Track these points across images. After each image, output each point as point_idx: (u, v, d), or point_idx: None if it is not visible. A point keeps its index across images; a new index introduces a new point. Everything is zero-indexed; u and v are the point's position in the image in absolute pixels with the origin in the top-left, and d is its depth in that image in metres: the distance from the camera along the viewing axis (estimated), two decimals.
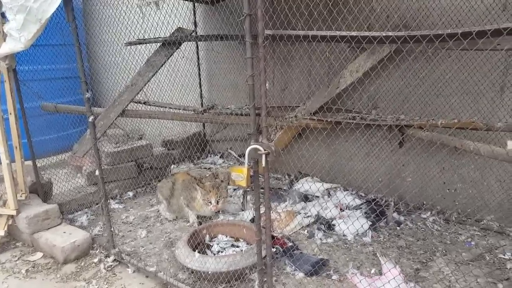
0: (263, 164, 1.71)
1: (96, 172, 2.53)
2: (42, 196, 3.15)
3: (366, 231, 2.78)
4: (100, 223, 3.06)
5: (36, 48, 3.76)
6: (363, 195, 3.44)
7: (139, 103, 3.86)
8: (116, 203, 3.53)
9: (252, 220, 2.88)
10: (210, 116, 3.50)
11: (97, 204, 3.39)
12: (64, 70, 4.52)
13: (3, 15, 2.32)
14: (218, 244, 2.62)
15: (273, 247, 2.49)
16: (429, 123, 2.69)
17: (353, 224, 2.72)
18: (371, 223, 2.83)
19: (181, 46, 3.37)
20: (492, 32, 1.54)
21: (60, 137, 4.35)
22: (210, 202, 2.88)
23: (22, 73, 3.04)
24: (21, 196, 2.93)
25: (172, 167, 4.30)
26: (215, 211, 2.97)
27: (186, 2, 4.16)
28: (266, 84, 1.69)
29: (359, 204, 3.12)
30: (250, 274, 2.26)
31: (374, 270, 2.34)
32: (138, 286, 2.42)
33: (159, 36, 3.33)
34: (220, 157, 4.64)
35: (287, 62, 3.72)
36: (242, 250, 2.48)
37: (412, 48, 2.49)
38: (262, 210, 1.87)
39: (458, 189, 3.04)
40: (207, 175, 3.11)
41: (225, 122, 3.72)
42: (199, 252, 2.36)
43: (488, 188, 2.89)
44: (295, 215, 3.01)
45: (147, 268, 2.46)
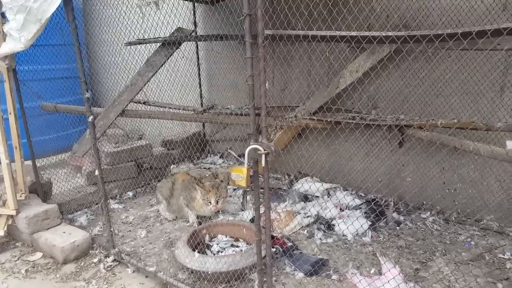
0: (263, 164, 1.71)
1: (96, 172, 2.53)
2: (41, 196, 3.15)
3: (365, 231, 2.78)
4: (99, 223, 3.06)
5: (36, 48, 3.76)
6: (362, 195, 3.44)
7: (139, 103, 3.86)
8: (115, 203, 3.53)
9: (252, 220, 2.88)
10: (210, 116, 3.50)
11: (96, 204, 3.39)
12: (64, 70, 4.52)
13: (3, 15, 2.32)
14: (218, 244, 2.62)
15: (272, 247, 2.49)
16: (429, 123, 2.69)
17: (352, 224, 2.72)
18: (370, 223, 2.83)
19: (181, 46, 3.37)
20: (492, 32, 1.54)
21: (59, 137, 4.35)
22: (210, 202, 2.88)
23: (22, 73, 3.04)
24: (20, 196, 2.93)
25: (172, 167, 4.30)
26: (214, 211, 2.97)
27: (186, 2, 4.16)
28: (266, 84, 1.69)
29: (359, 204, 3.12)
30: (249, 274, 2.26)
31: (373, 270, 2.34)
32: (138, 286, 2.42)
33: (159, 36, 3.33)
34: (220, 157, 4.64)
35: (287, 62, 3.72)
36: (242, 250, 2.48)
37: (412, 48, 2.49)
38: (262, 210, 1.87)
39: (458, 189, 3.04)
40: (207, 175, 3.11)
41: (224, 122, 3.73)
42: (199, 252, 2.36)
43: (488, 188, 2.89)
44: (295, 215, 3.01)
45: (146, 268, 2.46)
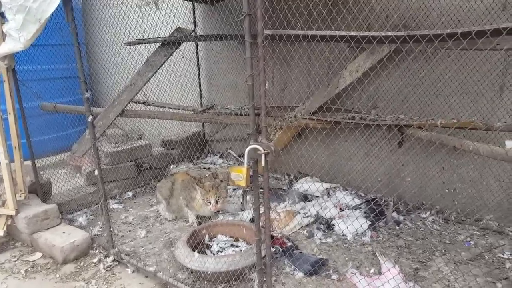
0: (263, 164, 1.71)
1: (95, 172, 2.53)
2: (41, 196, 3.15)
3: (365, 231, 2.78)
4: (99, 223, 3.06)
5: (36, 48, 3.76)
6: (362, 194, 3.44)
7: (139, 103, 3.86)
8: (115, 203, 3.53)
9: (252, 220, 2.88)
10: (210, 116, 3.50)
11: (96, 204, 3.39)
12: (64, 70, 4.52)
13: (2, 15, 2.31)
14: (217, 244, 2.62)
15: (272, 247, 2.49)
16: (428, 123, 2.69)
17: (352, 223, 2.72)
18: (370, 222, 2.83)
19: (180, 46, 3.37)
20: (492, 32, 1.54)
21: (59, 137, 4.35)
22: (210, 202, 2.87)
23: (22, 73, 3.04)
24: (20, 196, 2.93)
25: (172, 167, 4.29)
26: (214, 211, 2.97)
27: (186, 2, 4.16)
28: (266, 84, 1.69)
29: (359, 204, 3.12)
30: (249, 274, 2.26)
31: (373, 270, 2.34)
32: (138, 286, 2.42)
33: (158, 36, 3.33)
34: (219, 157, 4.64)
35: (287, 62, 3.72)
36: (242, 250, 2.48)
37: (411, 48, 2.49)
38: (262, 210, 1.87)
39: (458, 188, 3.04)
40: (207, 175, 3.11)
41: (224, 122, 3.73)
42: (198, 252, 2.36)
43: (487, 188, 2.90)
44: (295, 215, 3.01)
45: (146, 268, 2.46)
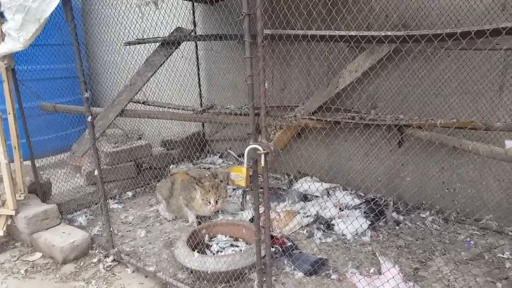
0: (262, 163, 1.71)
1: (95, 172, 2.53)
2: (41, 196, 3.15)
3: (365, 231, 2.78)
4: (99, 223, 3.06)
5: (35, 47, 3.76)
6: (362, 194, 3.44)
7: (138, 103, 3.86)
8: (115, 203, 3.53)
9: (251, 220, 2.88)
10: (209, 116, 3.50)
11: (96, 204, 3.39)
12: (63, 70, 4.51)
13: (1, 14, 2.31)
14: (217, 244, 2.62)
15: (272, 247, 2.49)
16: (428, 123, 2.69)
17: (352, 223, 2.72)
18: (370, 222, 2.83)
19: (180, 45, 3.37)
20: (491, 31, 1.54)
21: (59, 137, 4.35)
22: (209, 202, 2.87)
23: (21, 73, 3.04)
24: (20, 196, 2.93)
25: (171, 167, 4.29)
26: (214, 211, 2.97)
27: (185, 1, 4.16)
28: (265, 84, 1.69)
29: (358, 204, 3.12)
30: (249, 274, 2.26)
31: (373, 270, 2.34)
32: (138, 286, 2.42)
33: (158, 36, 3.33)
34: (219, 157, 4.64)
35: (286, 62, 3.72)
36: (242, 250, 2.48)
37: (411, 47, 2.49)
38: (261, 209, 1.87)
39: (457, 188, 3.04)
40: (207, 175, 3.11)
41: (224, 122, 3.73)
42: (198, 252, 2.36)
43: (487, 188, 2.90)
44: (294, 214, 3.01)
45: (146, 268, 2.46)
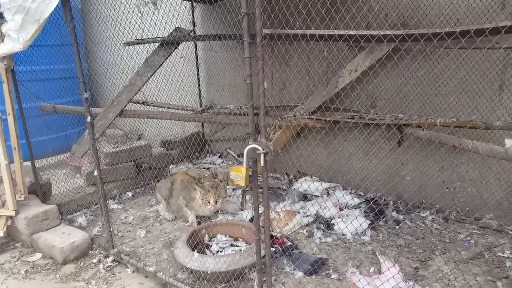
0: (262, 163, 1.71)
1: (95, 173, 2.53)
2: (41, 197, 3.15)
3: (365, 230, 2.78)
4: (99, 223, 3.06)
5: (34, 48, 3.76)
6: (362, 194, 3.44)
7: (138, 103, 3.86)
8: (115, 203, 3.53)
9: (251, 220, 2.88)
10: (209, 116, 3.50)
11: (96, 204, 3.39)
12: (62, 70, 4.51)
13: (1, 15, 2.31)
14: (217, 243, 2.62)
15: (272, 247, 2.49)
16: (427, 122, 2.69)
17: (352, 223, 2.72)
18: (370, 222, 2.83)
19: (179, 46, 3.37)
20: (491, 30, 1.54)
21: (58, 137, 4.35)
22: (209, 202, 2.87)
23: (21, 73, 3.04)
24: (20, 197, 2.93)
25: (171, 167, 4.29)
26: (214, 211, 2.97)
27: (184, 1, 4.16)
28: (265, 84, 1.69)
29: (358, 203, 3.12)
30: (249, 274, 2.26)
31: (373, 269, 2.34)
32: (138, 286, 2.42)
33: (157, 36, 3.33)
34: (219, 157, 4.64)
35: (286, 62, 3.72)
36: (241, 250, 2.48)
37: (410, 46, 2.49)
38: (261, 209, 1.87)
39: (457, 187, 3.04)
40: (206, 175, 3.11)
41: (223, 122, 3.73)
42: (198, 252, 2.36)
43: (487, 187, 2.90)
44: (294, 214, 3.01)
45: (146, 268, 2.46)
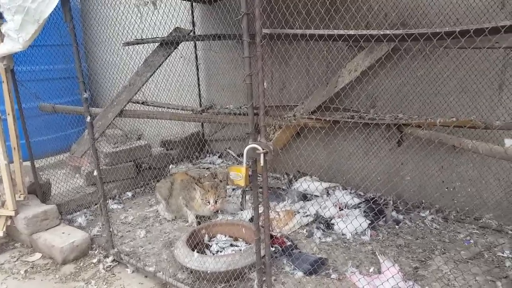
0: (262, 163, 1.71)
1: (95, 173, 2.53)
2: (40, 197, 3.15)
3: (365, 230, 2.78)
4: (99, 223, 3.06)
5: (34, 48, 3.76)
6: (361, 194, 3.44)
7: (138, 103, 3.86)
8: (115, 203, 3.52)
9: (251, 220, 2.88)
10: (209, 116, 3.50)
11: (95, 204, 3.39)
12: (62, 70, 4.51)
13: (1, 15, 2.31)
14: (217, 243, 2.62)
15: (272, 247, 2.49)
16: (427, 122, 2.69)
17: (352, 223, 2.73)
18: (370, 222, 2.83)
19: (179, 46, 3.37)
20: (490, 30, 1.54)
21: (58, 137, 4.35)
22: (209, 202, 2.87)
23: (20, 73, 3.04)
24: (19, 197, 2.93)
25: (171, 167, 4.29)
26: (213, 210, 2.97)
27: (184, 1, 4.16)
28: (264, 84, 1.68)
29: (358, 203, 3.12)
30: (249, 274, 2.26)
31: (373, 269, 2.34)
32: (137, 286, 2.42)
33: (157, 36, 3.33)
34: (218, 156, 4.64)
35: (285, 61, 3.72)
36: (241, 250, 2.48)
37: (410, 46, 2.49)
38: (261, 209, 1.87)
39: (457, 187, 3.04)
40: (206, 174, 3.11)
41: (223, 121, 3.73)
42: (198, 252, 2.36)
43: (487, 186, 2.90)
44: (294, 214, 3.01)
45: (146, 268, 2.46)
